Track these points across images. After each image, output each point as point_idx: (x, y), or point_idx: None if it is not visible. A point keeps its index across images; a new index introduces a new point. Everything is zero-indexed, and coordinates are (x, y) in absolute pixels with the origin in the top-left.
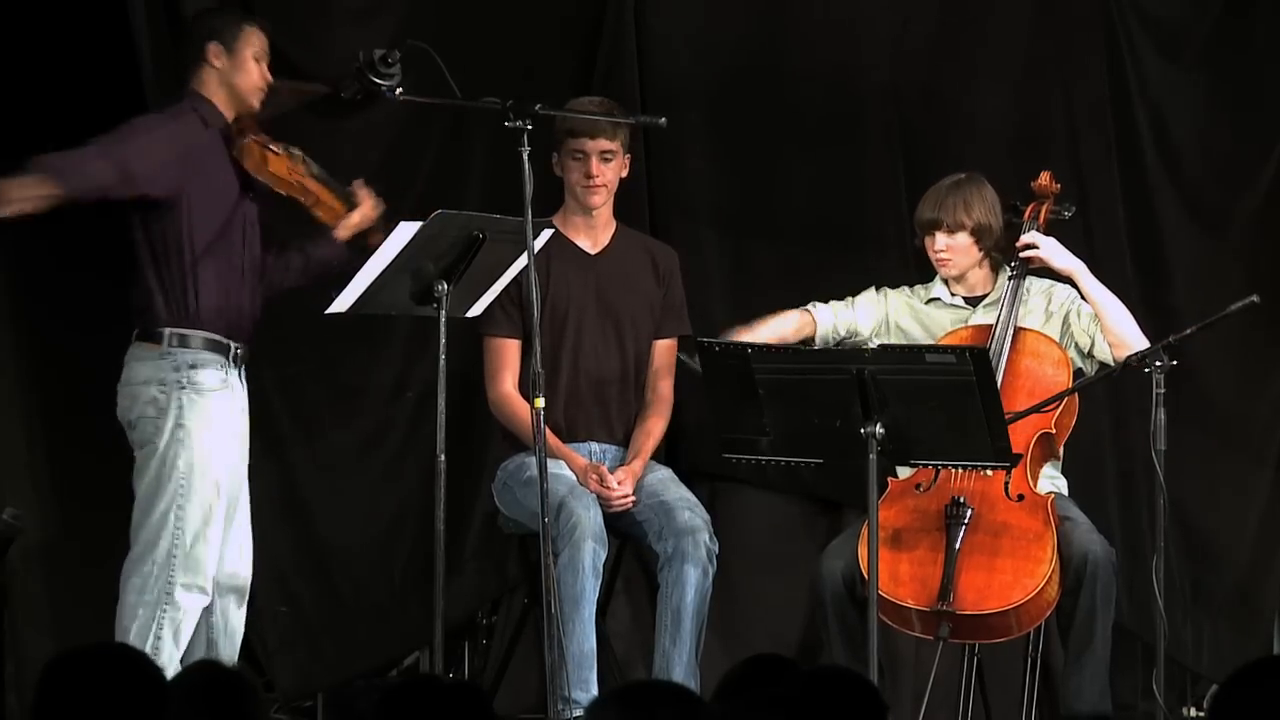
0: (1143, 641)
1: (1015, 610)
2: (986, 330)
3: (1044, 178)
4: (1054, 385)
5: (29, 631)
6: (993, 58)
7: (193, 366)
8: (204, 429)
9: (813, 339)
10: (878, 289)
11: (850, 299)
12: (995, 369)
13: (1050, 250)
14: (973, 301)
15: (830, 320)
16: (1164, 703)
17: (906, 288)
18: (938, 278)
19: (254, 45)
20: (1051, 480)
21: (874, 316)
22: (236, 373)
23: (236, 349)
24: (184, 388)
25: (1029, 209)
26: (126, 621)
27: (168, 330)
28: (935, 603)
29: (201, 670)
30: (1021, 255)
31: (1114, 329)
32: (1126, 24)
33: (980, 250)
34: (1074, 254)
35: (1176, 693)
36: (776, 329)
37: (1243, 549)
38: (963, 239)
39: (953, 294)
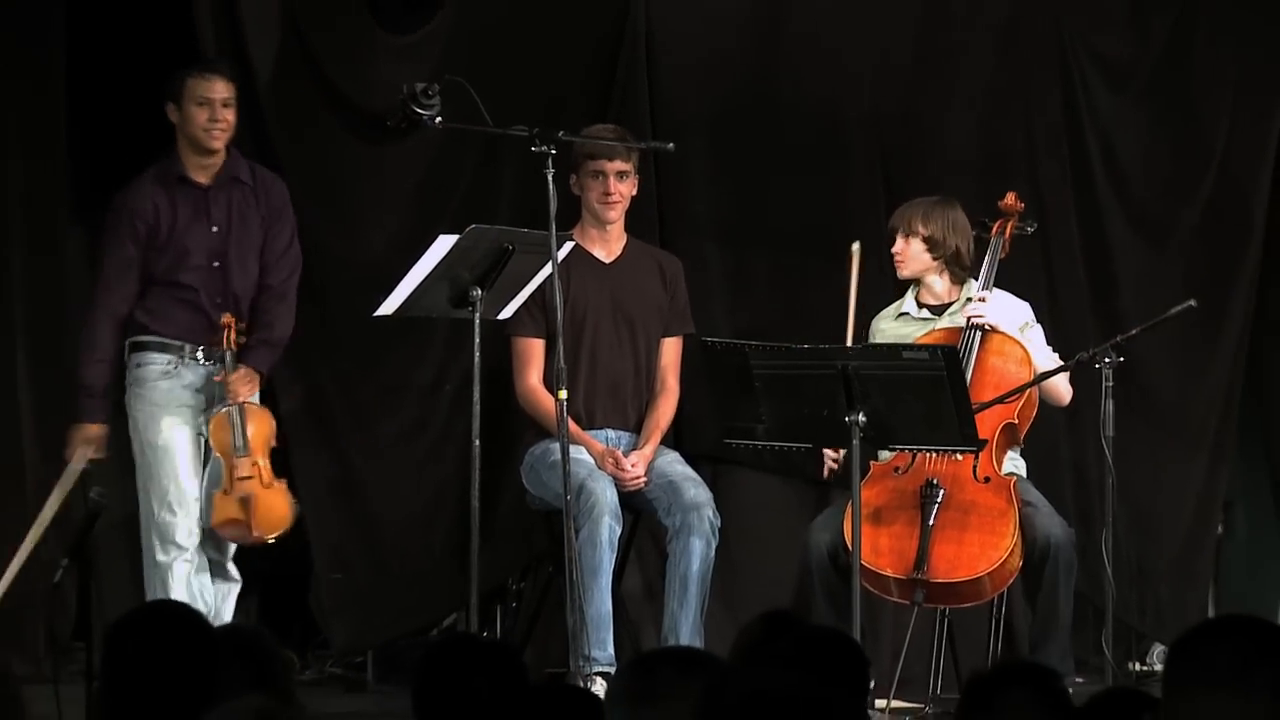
0: (1094, 605)
1: (981, 578)
2: (958, 332)
3: (1009, 197)
4: (1017, 381)
5: (114, 599)
6: (962, 90)
7: (139, 365)
8: (148, 416)
9: None
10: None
11: None
12: (966, 365)
13: (996, 319)
14: (937, 310)
15: None
16: (1112, 659)
17: (884, 311)
18: (909, 292)
19: (196, 92)
20: (1014, 463)
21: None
22: (201, 366)
23: (191, 348)
24: (130, 385)
25: (995, 225)
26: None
27: (126, 341)
28: (911, 572)
29: (231, 630)
30: (969, 324)
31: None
32: (1079, 60)
33: (933, 259)
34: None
35: (1123, 649)
36: None
37: (1182, 524)
38: (915, 245)
39: (920, 305)
